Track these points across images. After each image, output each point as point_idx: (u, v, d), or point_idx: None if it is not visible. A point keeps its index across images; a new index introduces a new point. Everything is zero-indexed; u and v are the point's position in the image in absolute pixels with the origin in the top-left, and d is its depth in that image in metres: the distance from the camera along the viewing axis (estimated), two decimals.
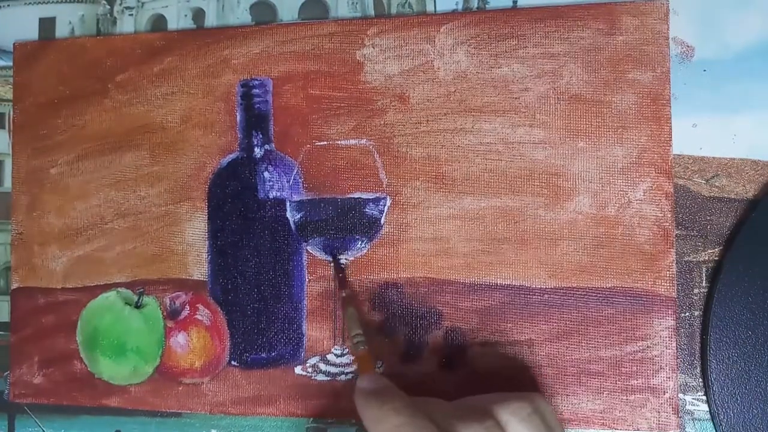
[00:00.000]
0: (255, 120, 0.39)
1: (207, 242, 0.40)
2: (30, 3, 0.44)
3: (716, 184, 0.36)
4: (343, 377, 0.38)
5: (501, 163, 0.37)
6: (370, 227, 0.37)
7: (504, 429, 0.28)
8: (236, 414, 0.39)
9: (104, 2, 0.43)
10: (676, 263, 0.35)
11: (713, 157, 0.36)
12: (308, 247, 0.39)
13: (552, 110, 0.36)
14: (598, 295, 0.35)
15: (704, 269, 0.36)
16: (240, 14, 0.41)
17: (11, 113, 0.43)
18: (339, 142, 0.38)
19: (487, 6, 0.38)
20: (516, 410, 0.29)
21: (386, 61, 0.38)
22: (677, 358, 0.35)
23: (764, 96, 0.35)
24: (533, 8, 0.37)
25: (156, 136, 0.41)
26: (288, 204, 0.39)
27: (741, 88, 0.36)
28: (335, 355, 0.38)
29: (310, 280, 0.39)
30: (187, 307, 0.39)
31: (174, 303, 0.40)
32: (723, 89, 0.36)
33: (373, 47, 0.38)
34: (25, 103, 0.43)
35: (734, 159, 0.36)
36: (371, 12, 0.39)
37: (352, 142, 0.38)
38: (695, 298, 0.35)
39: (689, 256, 0.36)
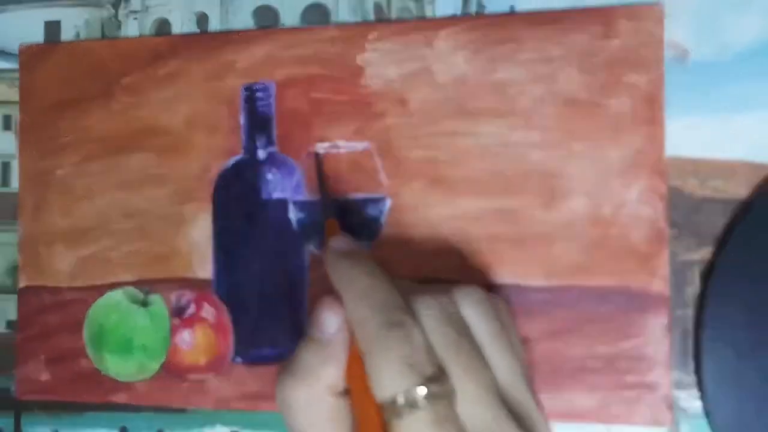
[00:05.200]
0: (258, 123, 0.39)
1: (212, 242, 0.40)
2: (35, 6, 0.44)
3: (710, 185, 0.36)
4: None
5: (499, 165, 0.37)
6: (370, 228, 0.38)
7: (458, 307, 0.28)
8: (241, 409, 0.39)
9: (109, 6, 0.43)
10: (670, 263, 0.35)
11: (707, 159, 0.36)
12: (310, 247, 0.39)
13: (548, 113, 0.37)
14: (594, 294, 0.36)
15: (698, 269, 0.36)
16: (243, 18, 0.41)
17: (18, 116, 0.43)
18: (340, 143, 0.39)
19: (484, 11, 0.38)
20: (469, 292, 0.28)
21: (386, 66, 0.38)
22: (671, 355, 0.35)
23: (759, 98, 0.36)
24: (530, 13, 0.37)
25: (161, 139, 0.41)
26: (290, 205, 0.39)
27: (736, 90, 0.36)
28: None
29: (311, 280, 0.39)
30: (193, 305, 0.40)
31: (179, 301, 0.40)
32: (718, 91, 0.36)
33: (374, 52, 0.39)
34: (31, 106, 0.43)
35: (728, 160, 0.36)
36: (371, 17, 0.40)
37: (353, 144, 0.38)
38: (688, 296, 0.36)
39: (683, 255, 0.36)
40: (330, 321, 0.27)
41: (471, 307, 0.28)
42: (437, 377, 0.24)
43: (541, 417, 0.27)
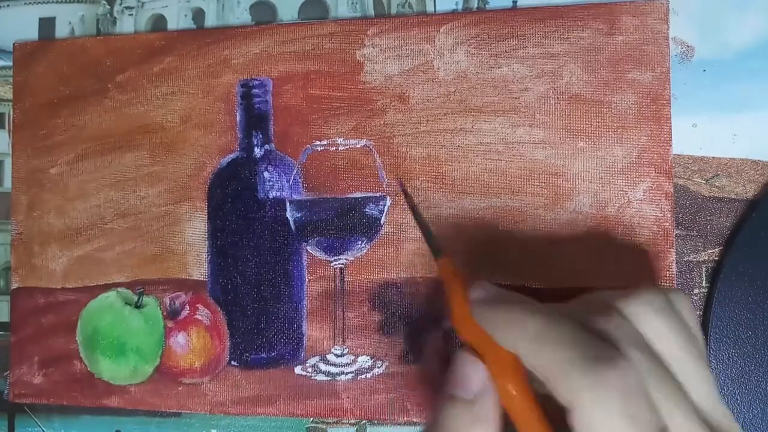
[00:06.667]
0: (255, 120, 0.39)
1: (207, 242, 0.40)
2: (30, 3, 0.44)
3: (716, 184, 0.36)
4: (343, 377, 0.38)
5: (501, 163, 0.37)
6: (370, 227, 0.37)
7: (633, 324, 0.24)
8: (236, 414, 0.39)
9: (104, 2, 0.43)
10: (676, 263, 0.35)
11: (713, 157, 0.36)
12: (308, 247, 0.38)
13: (552, 110, 0.36)
14: None
15: (704, 269, 0.36)
16: (240, 14, 0.41)
17: (11, 113, 0.43)
18: (339, 140, 0.38)
19: (487, 6, 0.38)
20: (650, 300, 0.24)
21: (386, 61, 0.38)
22: None
23: (764, 96, 0.35)
24: (533, 8, 0.37)
25: (156, 136, 0.41)
26: (288, 204, 0.39)
27: (741, 88, 0.36)
28: (335, 355, 0.38)
29: (310, 280, 0.39)
30: (187, 307, 0.39)
31: (174, 303, 0.40)
32: (723, 89, 0.36)
33: (373, 47, 0.38)
34: (25, 103, 0.43)
35: (734, 159, 0.36)
36: (371, 12, 0.39)
37: (352, 142, 0.38)
38: (695, 298, 0.35)
39: (689, 256, 0.36)
40: (475, 378, 0.24)
41: (657, 319, 0.24)
42: (661, 424, 0.21)
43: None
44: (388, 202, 0.37)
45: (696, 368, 0.23)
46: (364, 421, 0.38)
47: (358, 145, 0.38)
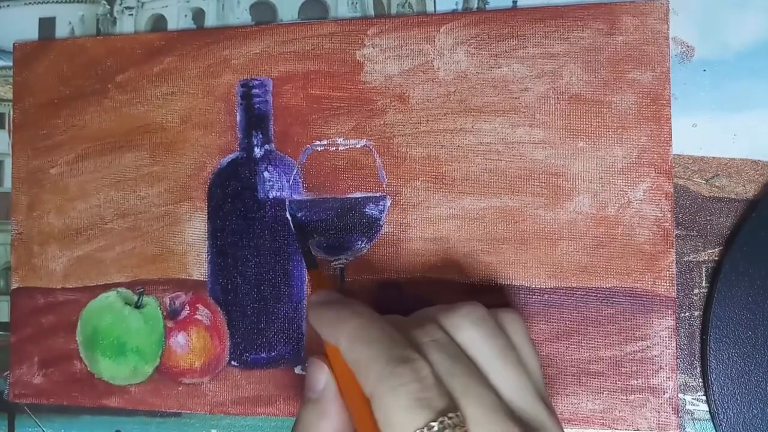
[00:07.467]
0: (255, 120, 0.39)
1: (207, 242, 0.40)
2: (30, 3, 0.44)
3: (716, 184, 0.36)
4: None
5: (501, 163, 0.37)
6: (370, 227, 0.37)
7: (451, 335, 0.27)
8: (236, 414, 0.39)
9: (104, 2, 0.43)
10: (676, 263, 0.35)
11: (713, 157, 0.36)
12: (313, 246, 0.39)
13: (552, 110, 0.36)
14: (598, 295, 0.35)
15: (704, 269, 0.36)
16: (240, 14, 0.41)
17: (11, 113, 0.43)
18: (339, 140, 0.38)
19: (487, 6, 0.38)
20: (468, 312, 0.27)
21: (386, 61, 0.38)
22: (677, 358, 0.35)
23: (764, 96, 0.35)
24: (533, 8, 0.37)
25: (156, 136, 0.40)
26: (288, 204, 0.39)
27: (741, 88, 0.36)
28: None
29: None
30: (187, 307, 0.39)
31: (174, 303, 0.40)
32: (723, 89, 0.36)
33: (373, 47, 0.38)
34: (25, 103, 0.43)
35: (734, 159, 0.36)
36: (371, 12, 0.39)
37: (352, 142, 0.38)
38: (695, 298, 0.35)
39: (689, 256, 0.36)
40: (319, 379, 0.28)
41: (472, 328, 0.27)
42: (450, 408, 0.23)
43: (556, 428, 0.27)
44: (388, 202, 0.37)
45: (505, 368, 0.26)
46: None
47: (358, 145, 0.38)
